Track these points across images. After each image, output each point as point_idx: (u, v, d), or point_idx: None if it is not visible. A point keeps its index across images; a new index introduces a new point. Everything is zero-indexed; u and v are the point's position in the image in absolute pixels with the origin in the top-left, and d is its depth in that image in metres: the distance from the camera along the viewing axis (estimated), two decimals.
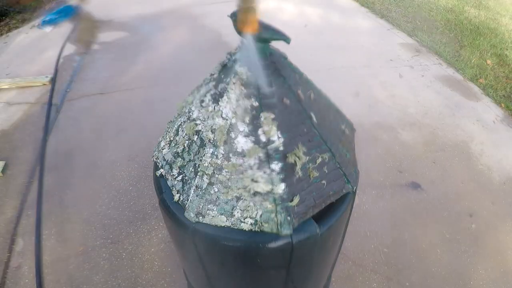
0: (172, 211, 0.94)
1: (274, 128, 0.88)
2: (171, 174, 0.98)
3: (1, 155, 2.45)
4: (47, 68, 3.31)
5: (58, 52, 3.52)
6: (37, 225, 1.99)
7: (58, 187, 2.23)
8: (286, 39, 0.91)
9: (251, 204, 0.87)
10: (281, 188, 0.87)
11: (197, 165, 0.91)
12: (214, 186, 0.88)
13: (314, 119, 0.93)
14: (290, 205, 0.87)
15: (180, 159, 0.96)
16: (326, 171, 0.93)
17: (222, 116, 0.90)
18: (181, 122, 1.01)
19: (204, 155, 0.89)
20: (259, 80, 0.86)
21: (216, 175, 0.88)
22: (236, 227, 0.88)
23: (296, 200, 0.87)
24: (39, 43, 3.76)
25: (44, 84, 3.10)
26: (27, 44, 3.78)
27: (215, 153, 0.88)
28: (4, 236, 1.97)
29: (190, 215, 0.89)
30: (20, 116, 2.80)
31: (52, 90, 3.03)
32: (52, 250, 1.90)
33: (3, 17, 4.23)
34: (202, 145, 0.91)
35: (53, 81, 3.14)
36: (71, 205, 2.13)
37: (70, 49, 3.62)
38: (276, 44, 0.94)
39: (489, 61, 3.52)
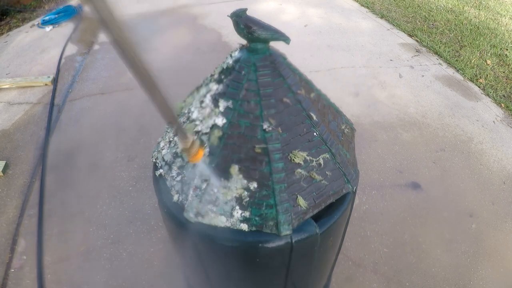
0: (171, 211, 0.94)
1: (274, 128, 0.88)
2: (170, 174, 0.98)
3: (2, 155, 2.46)
4: (49, 68, 3.31)
5: (59, 52, 3.53)
6: (38, 225, 2.00)
7: (59, 187, 2.23)
8: (286, 40, 0.91)
9: (251, 204, 0.88)
10: (281, 188, 0.87)
11: (196, 166, 0.91)
12: (213, 187, 0.89)
13: (314, 119, 0.93)
14: (291, 206, 0.88)
15: (180, 159, 0.97)
16: (326, 171, 0.94)
17: (221, 117, 0.90)
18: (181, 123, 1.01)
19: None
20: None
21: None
22: (235, 228, 0.88)
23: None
24: (39, 43, 3.77)
25: (46, 84, 3.11)
26: (28, 43, 3.79)
27: None
28: (6, 236, 1.98)
29: (189, 215, 0.90)
30: (21, 116, 2.80)
31: (54, 90, 3.04)
32: (53, 250, 1.91)
33: (4, 16, 4.23)
34: (202, 145, 0.91)
35: (55, 81, 3.15)
36: (72, 205, 2.13)
37: (71, 49, 3.62)
38: (276, 44, 0.94)
39: (489, 61, 3.51)
